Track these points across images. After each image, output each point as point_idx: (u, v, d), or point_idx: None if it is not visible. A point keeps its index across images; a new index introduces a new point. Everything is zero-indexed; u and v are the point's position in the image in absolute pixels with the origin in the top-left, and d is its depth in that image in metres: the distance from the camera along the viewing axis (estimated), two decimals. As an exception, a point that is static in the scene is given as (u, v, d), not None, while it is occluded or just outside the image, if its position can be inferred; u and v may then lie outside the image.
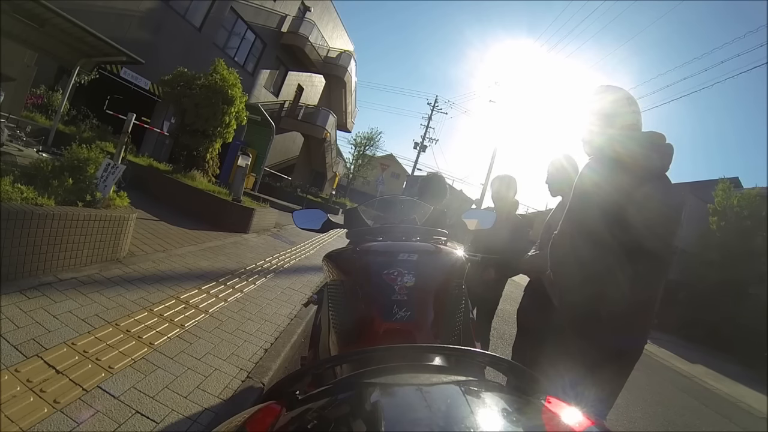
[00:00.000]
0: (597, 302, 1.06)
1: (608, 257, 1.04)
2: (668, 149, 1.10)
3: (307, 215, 1.43)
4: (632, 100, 1.18)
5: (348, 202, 19.61)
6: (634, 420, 3.38)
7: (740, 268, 12.00)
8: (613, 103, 1.19)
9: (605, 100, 1.20)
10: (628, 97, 1.19)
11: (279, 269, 4.21)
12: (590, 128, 1.21)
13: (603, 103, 1.20)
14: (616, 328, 1.05)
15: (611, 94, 1.21)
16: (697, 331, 12.19)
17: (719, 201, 13.46)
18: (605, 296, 1.05)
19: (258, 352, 2.22)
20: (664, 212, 1.06)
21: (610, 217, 1.04)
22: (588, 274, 1.07)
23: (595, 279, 1.06)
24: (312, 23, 15.91)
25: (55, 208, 2.23)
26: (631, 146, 1.09)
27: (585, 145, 1.24)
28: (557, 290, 1.21)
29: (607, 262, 1.05)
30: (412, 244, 1.16)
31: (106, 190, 2.80)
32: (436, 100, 24.37)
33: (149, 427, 1.38)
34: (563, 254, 1.14)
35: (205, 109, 6.18)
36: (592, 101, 1.23)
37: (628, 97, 1.18)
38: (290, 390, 0.52)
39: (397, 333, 0.85)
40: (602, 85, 1.26)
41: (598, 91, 1.23)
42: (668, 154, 1.10)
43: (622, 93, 1.20)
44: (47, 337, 1.67)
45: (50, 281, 2.17)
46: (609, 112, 1.18)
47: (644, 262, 1.04)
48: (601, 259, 1.05)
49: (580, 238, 1.09)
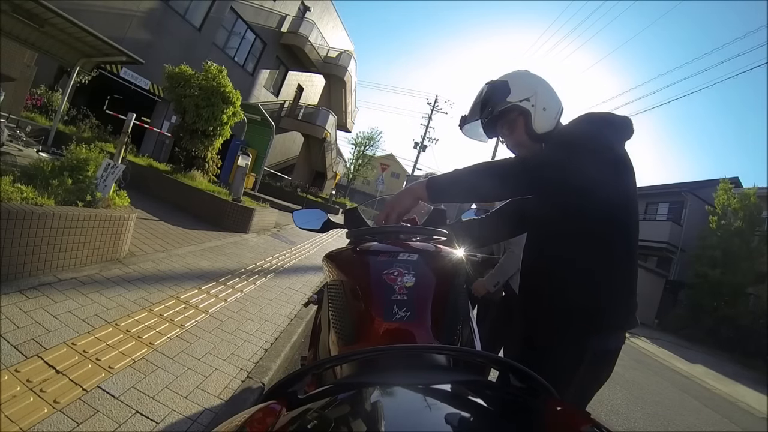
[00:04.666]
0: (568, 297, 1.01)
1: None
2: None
3: (307, 215, 1.43)
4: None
5: (348, 202, 19.62)
6: (634, 420, 3.38)
7: (740, 268, 12.01)
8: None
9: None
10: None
11: (279, 269, 4.21)
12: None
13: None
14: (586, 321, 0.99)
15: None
16: (697, 331, 12.20)
17: (719, 201, 13.48)
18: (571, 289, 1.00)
19: (258, 352, 2.22)
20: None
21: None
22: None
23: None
24: (312, 23, 15.91)
25: (55, 208, 2.23)
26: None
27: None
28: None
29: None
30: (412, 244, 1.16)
31: (106, 190, 2.80)
32: (436, 100, 24.40)
33: (149, 427, 1.38)
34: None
35: (206, 109, 6.19)
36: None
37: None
38: (290, 390, 0.52)
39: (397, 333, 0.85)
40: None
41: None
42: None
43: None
44: (47, 337, 1.67)
45: (50, 281, 2.17)
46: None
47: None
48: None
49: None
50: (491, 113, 1.13)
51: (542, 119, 1.09)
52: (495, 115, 1.12)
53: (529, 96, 1.08)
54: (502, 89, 1.11)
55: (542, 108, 1.09)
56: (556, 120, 1.11)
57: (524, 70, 1.17)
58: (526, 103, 1.08)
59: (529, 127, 1.10)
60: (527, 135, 1.11)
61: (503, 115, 1.13)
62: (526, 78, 1.14)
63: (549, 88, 1.12)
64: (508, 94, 1.09)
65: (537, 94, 1.09)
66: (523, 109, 1.09)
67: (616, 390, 4.13)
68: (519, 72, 1.17)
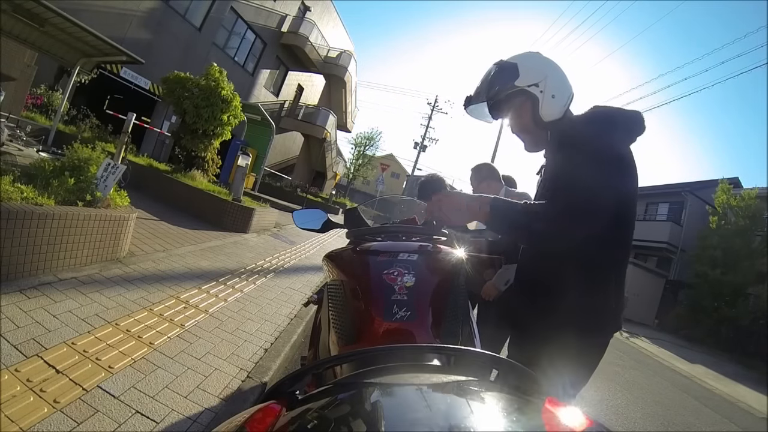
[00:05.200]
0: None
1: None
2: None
3: (307, 215, 1.43)
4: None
5: (348, 202, 19.61)
6: (633, 420, 3.38)
7: (740, 268, 12.01)
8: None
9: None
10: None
11: (279, 269, 4.21)
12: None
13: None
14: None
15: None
16: (697, 331, 12.20)
17: (719, 202, 13.47)
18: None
19: (258, 351, 2.22)
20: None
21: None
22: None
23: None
24: (312, 23, 15.91)
25: (55, 208, 2.23)
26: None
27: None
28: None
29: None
30: (412, 244, 1.16)
31: (107, 189, 2.80)
32: (436, 100, 24.39)
33: (149, 427, 1.38)
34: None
35: (205, 110, 6.20)
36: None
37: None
38: (290, 390, 0.52)
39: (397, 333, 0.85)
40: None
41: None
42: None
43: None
44: (47, 337, 1.67)
45: (50, 281, 2.17)
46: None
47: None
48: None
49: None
50: (497, 96, 1.08)
51: (550, 106, 1.04)
52: (501, 98, 1.08)
53: (539, 81, 1.03)
54: (510, 71, 1.06)
55: (551, 95, 1.03)
56: (565, 108, 1.06)
57: (536, 52, 1.12)
58: (534, 88, 1.04)
59: (535, 113, 1.05)
60: (533, 121, 1.07)
61: (509, 99, 1.08)
62: (537, 61, 1.08)
63: (560, 74, 1.06)
64: (516, 78, 1.04)
65: (547, 79, 1.04)
66: (530, 95, 1.04)
67: (616, 390, 4.13)
68: (530, 54, 1.11)
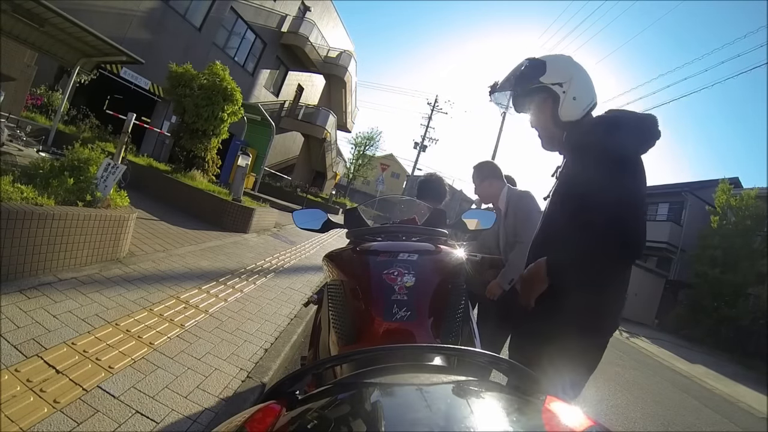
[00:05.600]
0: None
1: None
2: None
3: (307, 215, 1.43)
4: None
5: (348, 202, 19.61)
6: (633, 420, 3.38)
7: (740, 268, 12.00)
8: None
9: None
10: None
11: (279, 269, 4.21)
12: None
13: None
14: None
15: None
16: (697, 331, 12.20)
17: (719, 202, 13.46)
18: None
19: (258, 351, 2.22)
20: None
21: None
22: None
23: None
24: (312, 23, 15.91)
25: (55, 208, 2.23)
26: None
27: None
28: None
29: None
30: (412, 244, 1.16)
31: (107, 190, 2.80)
32: (436, 100, 24.40)
33: (149, 427, 1.38)
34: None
35: (205, 109, 6.20)
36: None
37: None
38: (290, 390, 0.52)
39: (397, 333, 0.85)
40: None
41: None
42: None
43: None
44: (47, 337, 1.67)
45: (50, 281, 2.17)
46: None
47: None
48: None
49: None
50: (522, 88, 1.12)
51: (570, 107, 1.07)
52: (525, 91, 1.12)
53: (563, 81, 1.07)
54: (538, 67, 1.10)
55: (572, 96, 1.07)
56: (585, 112, 1.09)
57: (567, 56, 1.16)
58: (557, 87, 1.07)
59: (555, 111, 1.09)
60: (552, 119, 1.10)
61: (533, 93, 1.12)
62: (566, 63, 1.12)
63: (586, 79, 1.10)
64: (542, 74, 1.09)
65: (572, 81, 1.07)
66: (553, 92, 1.08)
67: (616, 390, 4.13)
68: (561, 56, 1.15)
